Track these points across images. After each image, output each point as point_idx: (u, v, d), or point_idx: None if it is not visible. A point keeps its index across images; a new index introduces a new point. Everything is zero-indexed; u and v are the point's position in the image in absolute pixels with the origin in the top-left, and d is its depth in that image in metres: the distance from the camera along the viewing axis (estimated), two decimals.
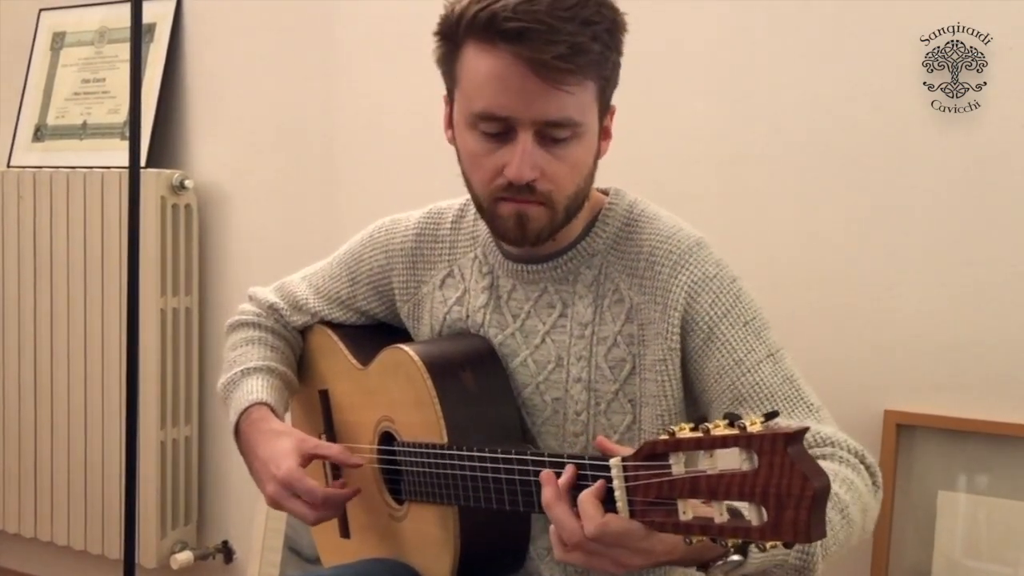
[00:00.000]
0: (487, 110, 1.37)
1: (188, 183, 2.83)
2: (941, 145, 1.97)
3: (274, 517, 2.66)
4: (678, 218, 1.53)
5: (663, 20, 2.23)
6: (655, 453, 1.10)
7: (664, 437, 1.08)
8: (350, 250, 1.75)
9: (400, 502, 1.60)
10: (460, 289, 1.61)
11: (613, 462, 1.15)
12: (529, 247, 1.48)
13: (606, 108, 1.44)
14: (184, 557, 2.85)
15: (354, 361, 1.68)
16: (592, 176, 1.46)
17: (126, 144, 2.74)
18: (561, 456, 1.26)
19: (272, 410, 1.65)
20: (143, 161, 2.75)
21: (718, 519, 1.04)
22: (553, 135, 1.37)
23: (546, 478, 1.24)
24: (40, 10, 3.19)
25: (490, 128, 1.39)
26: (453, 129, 1.47)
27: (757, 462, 1.00)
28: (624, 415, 1.48)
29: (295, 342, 1.81)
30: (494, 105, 1.37)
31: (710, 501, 1.05)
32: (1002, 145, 1.93)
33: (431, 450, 1.47)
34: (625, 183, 1.58)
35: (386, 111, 2.61)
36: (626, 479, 1.14)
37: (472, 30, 1.36)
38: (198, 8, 2.91)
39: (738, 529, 1.03)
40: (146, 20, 2.76)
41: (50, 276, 2.99)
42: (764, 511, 1.00)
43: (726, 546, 1.06)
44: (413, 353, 1.51)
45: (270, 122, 2.82)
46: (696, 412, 1.47)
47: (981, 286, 1.96)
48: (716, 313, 1.43)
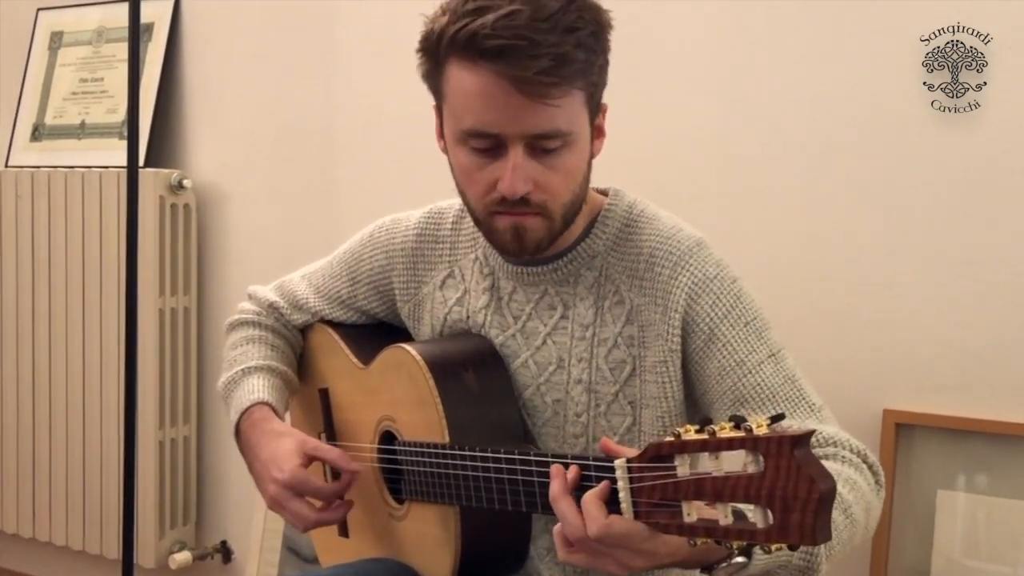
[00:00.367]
0: (474, 128, 1.37)
1: (186, 182, 2.82)
2: (941, 145, 1.97)
3: (273, 517, 2.66)
4: (678, 218, 1.52)
5: (662, 20, 2.23)
6: (660, 455, 1.10)
7: (669, 439, 1.08)
8: (350, 249, 1.75)
9: (400, 502, 1.59)
10: (460, 290, 1.61)
11: (618, 463, 1.15)
12: (528, 258, 1.48)
13: (596, 110, 1.43)
14: (183, 557, 2.85)
15: (355, 360, 1.68)
16: (587, 179, 1.46)
17: (124, 143, 2.74)
18: (565, 457, 1.25)
19: (273, 410, 1.65)
20: (141, 161, 2.75)
21: (723, 521, 1.04)
22: (543, 146, 1.36)
23: (556, 471, 1.23)
24: (38, 9, 3.18)
25: (480, 144, 1.38)
26: (444, 140, 1.47)
27: (763, 464, 1.00)
28: (624, 417, 1.48)
29: (295, 341, 1.81)
30: (481, 122, 1.36)
31: (715, 503, 1.04)
32: (1002, 145, 1.93)
33: (432, 450, 1.47)
34: (625, 184, 1.58)
35: (385, 110, 2.61)
36: (631, 480, 1.13)
37: (453, 49, 1.35)
38: (196, 8, 2.91)
39: (743, 531, 1.02)
40: (144, 20, 2.76)
41: (48, 276, 2.98)
42: (770, 514, 1.00)
43: (730, 548, 1.06)
44: (415, 352, 1.51)
45: (269, 121, 2.82)
46: (696, 414, 1.47)
47: (981, 286, 1.96)
48: (717, 314, 1.43)
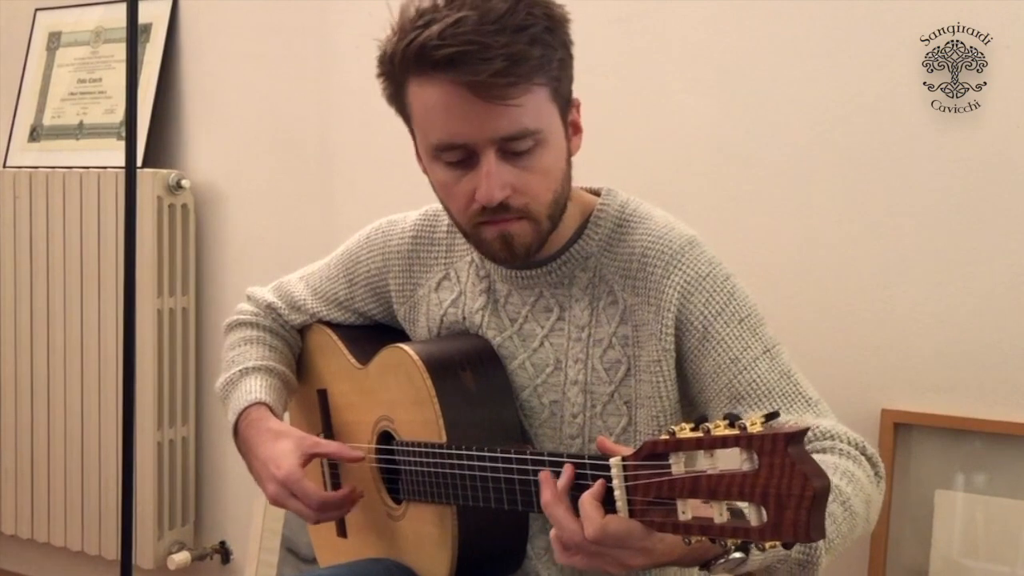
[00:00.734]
0: (442, 141, 1.37)
1: (184, 183, 2.82)
2: (941, 145, 1.97)
3: (271, 518, 2.66)
4: (671, 216, 1.52)
5: (661, 20, 2.23)
6: (655, 453, 1.09)
7: (664, 437, 1.08)
8: (347, 251, 1.75)
9: (398, 502, 1.59)
10: (455, 292, 1.61)
11: (613, 461, 1.15)
12: (520, 263, 1.47)
13: (566, 104, 1.42)
14: (181, 558, 2.85)
15: (353, 360, 1.68)
16: (568, 177, 1.45)
17: (122, 144, 2.74)
18: (561, 456, 1.25)
19: (271, 410, 1.65)
20: (139, 161, 2.75)
21: (718, 519, 1.04)
22: (515, 149, 1.35)
23: (544, 479, 1.23)
24: (36, 10, 3.18)
25: (451, 157, 1.38)
26: (422, 161, 1.47)
27: (758, 462, 1.00)
28: (620, 417, 1.48)
29: (293, 341, 1.81)
30: (447, 134, 1.36)
31: (710, 501, 1.04)
32: (1002, 145, 1.93)
33: (430, 449, 1.47)
34: (623, 184, 1.58)
35: (381, 111, 2.58)
36: (626, 479, 1.13)
37: (407, 65, 1.35)
38: (194, 8, 2.91)
39: (738, 529, 1.02)
40: (142, 20, 2.76)
41: (47, 276, 2.98)
42: (764, 511, 1.00)
43: (726, 545, 1.06)
44: (413, 352, 1.51)
45: (266, 122, 2.82)
46: (692, 412, 1.47)
47: (980, 285, 1.96)
48: (710, 312, 1.42)
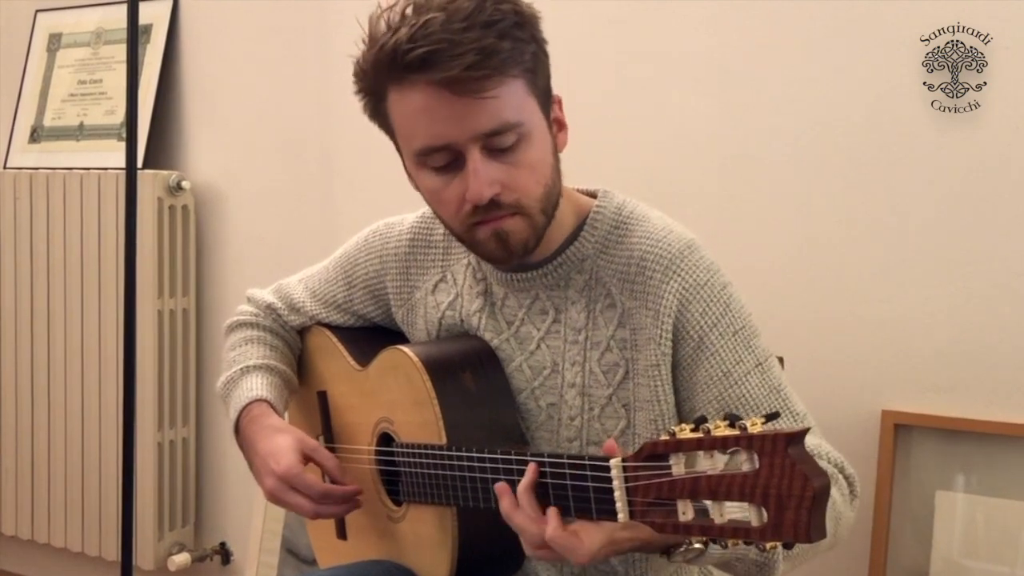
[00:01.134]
0: (425, 144, 1.37)
1: (185, 184, 2.82)
2: (941, 145, 1.97)
3: (271, 519, 2.65)
4: (669, 218, 1.51)
5: (661, 20, 2.23)
6: (656, 454, 1.10)
7: (665, 438, 1.08)
8: (346, 254, 1.75)
9: (398, 503, 1.59)
10: (452, 294, 1.61)
11: (613, 462, 1.15)
12: (518, 262, 1.47)
13: (547, 98, 1.42)
14: (182, 559, 2.85)
15: (353, 362, 1.68)
16: (558, 171, 1.44)
17: (123, 145, 2.74)
18: (561, 457, 1.25)
19: (272, 407, 1.65)
20: (140, 162, 2.75)
21: (718, 520, 1.04)
22: (498, 145, 1.35)
23: (501, 490, 1.27)
24: (36, 11, 3.18)
25: (437, 161, 1.38)
26: (411, 175, 1.47)
27: (758, 463, 1.00)
28: (618, 420, 1.47)
29: (293, 342, 1.81)
30: (429, 137, 1.36)
31: (710, 502, 1.04)
32: (1002, 145, 1.93)
33: (430, 451, 1.46)
34: (622, 184, 1.58)
35: None
36: (626, 480, 1.14)
37: (382, 74, 1.36)
38: (195, 9, 2.91)
39: (738, 530, 1.02)
40: (143, 21, 2.76)
41: (47, 277, 2.98)
42: (765, 512, 1.00)
43: (691, 544, 1.08)
44: (412, 354, 1.51)
45: (267, 123, 2.82)
46: (689, 416, 1.47)
47: (980, 286, 1.96)
48: (707, 322, 1.42)
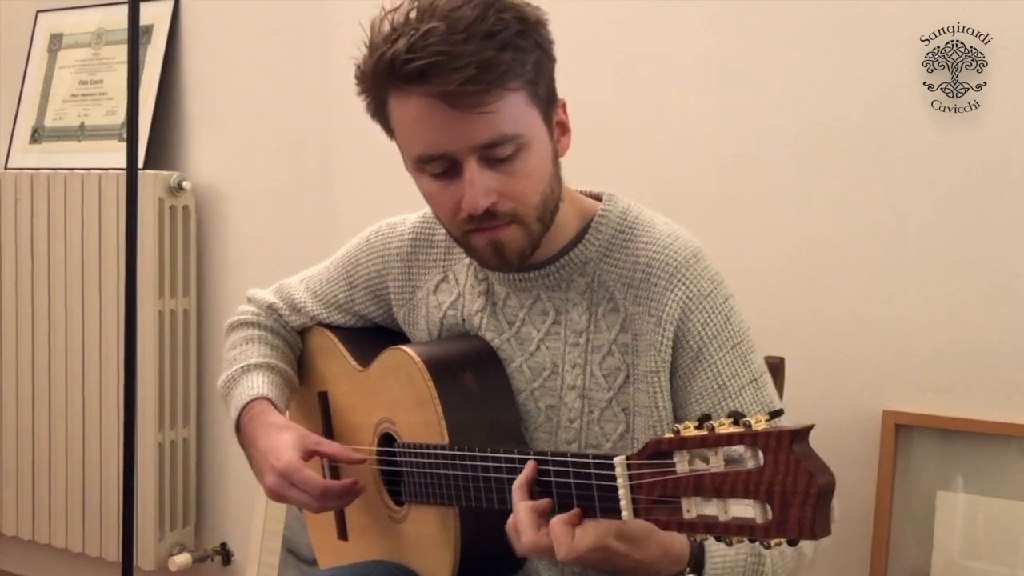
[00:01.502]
0: (423, 153, 1.37)
1: (186, 184, 2.82)
2: (941, 145, 1.97)
3: (272, 519, 2.65)
4: (674, 223, 1.52)
5: (660, 20, 2.23)
6: (659, 451, 1.10)
7: (669, 435, 1.08)
8: (347, 254, 1.75)
9: (400, 503, 1.59)
10: (454, 294, 1.61)
11: (617, 460, 1.15)
12: (514, 270, 1.48)
13: (549, 106, 1.41)
14: (182, 559, 2.85)
15: (354, 362, 1.68)
16: (557, 178, 1.44)
17: (123, 146, 2.74)
18: (564, 455, 1.25)
19: (273, 405, 1.65)
20: (141, 163, 2.75)
21: (722, 517, 1.04)
22: (496, 155, 1.35)
23: (511, 530, 1.28)
24: (37, 12, 3.18)
25: (435, 168, 1.38)
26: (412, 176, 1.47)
27: (762, 460, 1.00)
28: (617, 423, 1.48)
29: (294, 342, 1.81)
30: (427, 146, 1.36)
31: (714, 499, 1.04)
32: (1002, 145, 1.93)
33: (432, 451, 1.46)
34: (622, 184, 1.58)
35: None
36: (630, 477, 1.14)
37: (382, 81, 1.36)
38: (195, 10, 2.91)
39: (743, 527, 1.02)
40: (144, 22, 2.76)
41: (48, 278, 2.98)
42: (769, 509, 1.00)
43: (682, 569, 1.08)
44: (414, 354, 1.51)
45: (267, 123, 2.82)
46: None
47: (981, 286, 1.96)
48: (707, 333, 1.43)
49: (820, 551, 1.44)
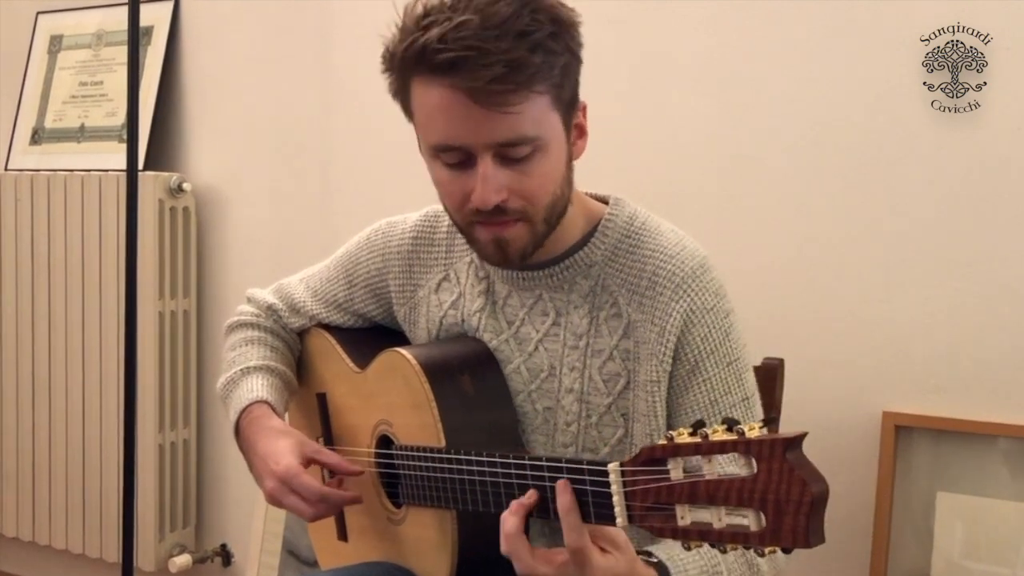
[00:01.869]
0: (440, 143, 1.37)
1: (186, 186, 2.82)
2: (941, 145, 1.97)
3: (272, 520, 2.66)
4: (680, 231, 1.51)
5: (660, 20, 2.23)
6: (654, 458, 1.09)
7: (663, 442, 1.08)
8: (347, 253, 1.75)
9: (398, 506, 1.59)
10: (455, 293, 1.60)
11: (611, 467, 1.15)
12: (514, 267, 1.48)
13: (570, 109, 1.40)
14: (182, 560, 2.85)
15: (352, 364, 1.68)
16: (568, 180, 1.44)
17: (124, 147, 2.74)
18: (559, 460, 1.25)
19: (272, 408, 1.64)
20: (141, 164, 2.75)
21: (716, 525, 1.04)
22: (512, 155, 1.35)
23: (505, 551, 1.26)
24: (37, 13, 3.19)
25: (450, 159, 1.38)
26: (425, 160, 1.47)
27: (756, 467, 1.00)
28: (616, 428, 1.48)
29: (293, 343, 1.81)
30: (445, 137, 1.36)
31: (708, 506, 1.04)
32: (1002, 145, 1.93)
33: (429, 453, 1.46)
34: (623, 185, 1.58)
35: (382, 113, 2.57)
36: (624, 484, 1.13)
37: (409, 66, 1.35)
38: (195, 11, 2.91)
39: (737, 535, 1.02)
40: (144, 23, 2.76)
41: (48, 279, 2.98)
42: (763, 517, 1.00)
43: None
44: (411, 356, 1.51)
45: (267, 125, 2.82)
46: None
47: (981, 286, 1.95)
48: (706, 348, 1.44)
49: (819, 552, 1.42)
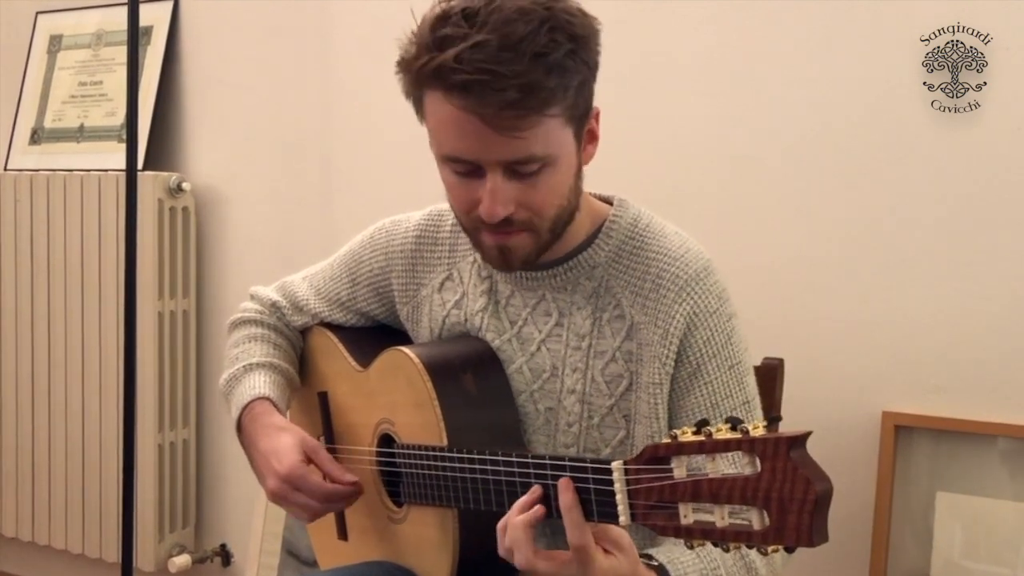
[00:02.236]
0: (451, 154, 1.37)
1: (185, 185, 2.82)
2: (941, 145, 1.97)
3: (272, 520, 2.65)
4: (684, 233, 1.52)
5: (661, 20, 2.23)
6: (657, 457, 1.10)
7: (666, 441, 1.08)
8: (351, 251, 1.75)
9: (399, 504, 1.59)
10: (459, 292, 1.60)
11: (615, 465, 1.15)
12: (516, 271, 1.48)
13: (582, 120, 1.41)
14: (182, 560, 2.85)
15: (354, 363, 1.68)
16: (576, 189, 1.44)
17: (123, 147, 2.74)
18: (562, 459, 1.25)
19: (274, 405, 1.64)
20: (140, 163, 2.75)
21: (720, 523, 1.04)
22: (521, 171, 1.35)
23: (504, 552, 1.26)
24: (37, 13, 3.18)
25: (459, 168, 1.38)
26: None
27: (759, 466, 1.00)
28: (617, 430, 1.48)
29: (296, 341, 1.81)
30: (456, 150, 1.36)
31: (712, 505, 1.04)
32: (1002, 145, 1.93)
33: (431, 452, 1.46)
34: (623, 185, 1.58)
35: (382, 113, 2.61)
36: (627, 482, 1.13)
37: (424, 79, 1.35)
38: (195, 11, 2.91)
39: (740, 533, 1.02)
40: (143, 23, 2.76)
41: (47, 279, 2.98)
42: (766, 515, 1.00)
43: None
44: (413, 355, 1.51)
45: (267, 124, 2.82)
46: None
47: (981, 286, 1.95)
48: (708, 351, 1.44)
49: (819, 552, 1.42)
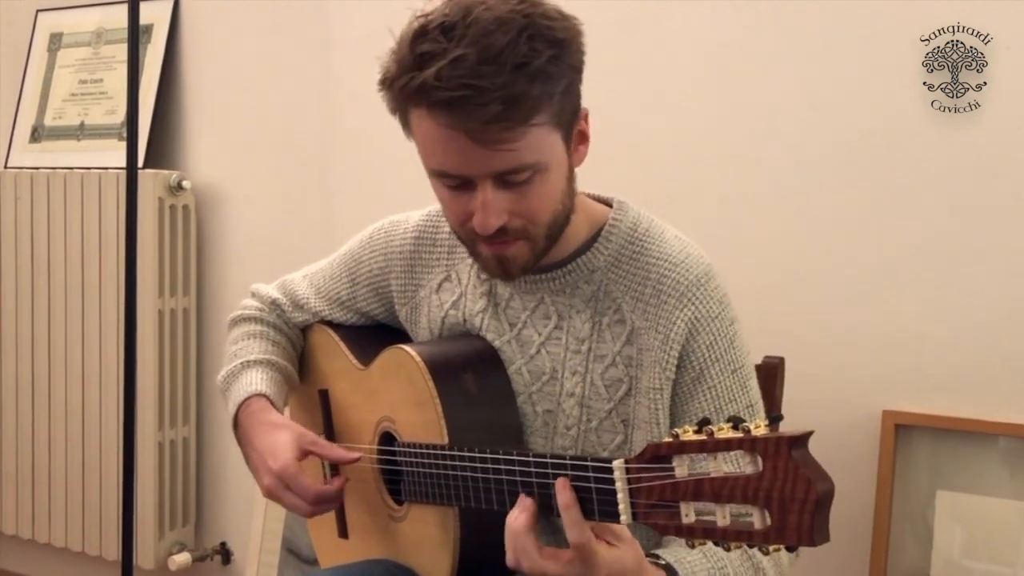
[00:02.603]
0: (439, 169, 1.37)
1: (186, 184, 2.82)
2: (941, 145, 1.97)
3: (272, 519, 2.65)
4: (684, 237, 1.51)
5: (661, 20, 2.23)
6: (659, 455, 1.10)
7: (668, 440, 1.08)
8: (350, 251, 1.75)
9: (400, 503, 1.59)
10: (456, 293, 1.61)
11: (616, 464, 1.15)
12: (515, 279, 1.48)
13: (572, 123, 1.39)
14: (182, 558, 2.85)
15: (355, 361, 1.68)
16: (570, 192, 1.44)
17: (123, 145, 2.74)
18: (563, 457, 1.25)
19: (271, 402, 1.64)
20: (141, 162, 2.75)
21: (721, 522, 1.04)
22: (512, 180, 1.35)
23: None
24: (37, 11, 3.18)
25: (449, 183, 1.38)
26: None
27: (761, 465, 1.00)
28: (615, 434, 1.48)
29: (296, 339, 1.81)
30: (444, 165, 1.36)
31: (713, 504, 1.04)
32: (1002, 145, 1.93)
33: (431, 451, 1.46)
34: (623, 185, 1.58)
35: (382, 112, 2.59)
36: (628, 481, 1.14)
37: (407, 98, 1.35)
38: (195, 9, 2.91)
39: (741, 532, 1.02)
40: (143, 21, 2.76)
41: (48, 277, 2.98)
42: (768, 515, 1.00)
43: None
44: (415, 353, 1.51)
45: (267, 123, 2.82)
46: None
47: (980, 286, 1.96)
48: (711, 356, 1.44)
49: (818, 550, 1.42)
